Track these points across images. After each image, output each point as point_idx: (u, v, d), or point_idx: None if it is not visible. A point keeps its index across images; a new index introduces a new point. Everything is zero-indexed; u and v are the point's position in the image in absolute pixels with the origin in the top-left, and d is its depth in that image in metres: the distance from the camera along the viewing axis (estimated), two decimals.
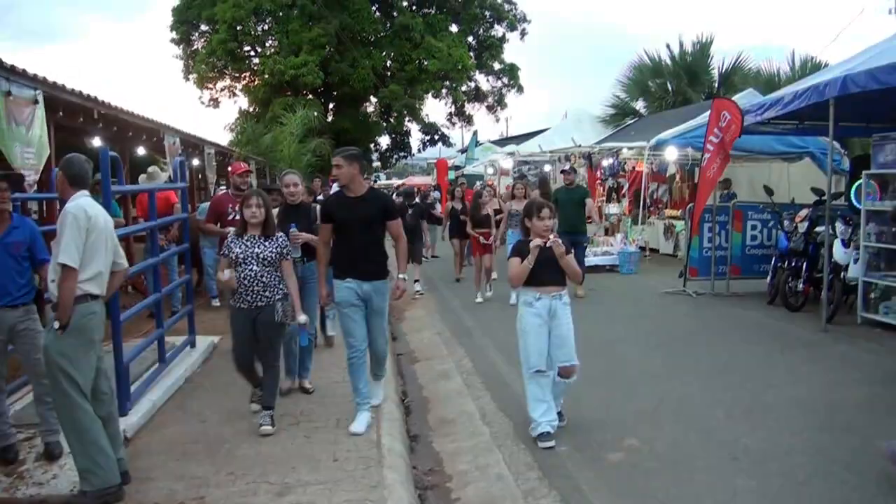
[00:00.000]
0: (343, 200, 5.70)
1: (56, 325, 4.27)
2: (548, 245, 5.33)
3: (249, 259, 5.59)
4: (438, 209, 17.56)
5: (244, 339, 5.70)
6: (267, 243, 5.65)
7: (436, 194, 21.83)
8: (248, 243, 5.64)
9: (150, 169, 11.46)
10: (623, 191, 18.58)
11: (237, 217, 6.35)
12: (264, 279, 5.57)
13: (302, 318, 5.82)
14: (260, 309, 5.58)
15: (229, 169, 9.27)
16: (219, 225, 7.69)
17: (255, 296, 5.57)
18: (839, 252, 9.43)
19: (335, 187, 12.21)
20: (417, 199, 15.40)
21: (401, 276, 6.01)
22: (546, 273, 5.43)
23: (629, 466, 5.03)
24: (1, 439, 4.96)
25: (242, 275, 5.58)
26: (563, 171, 13.72)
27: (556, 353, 5.46)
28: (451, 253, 14.96)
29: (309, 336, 6.58)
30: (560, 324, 5.45)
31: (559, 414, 5.71)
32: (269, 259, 5.59)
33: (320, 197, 10.74)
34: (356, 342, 5.69)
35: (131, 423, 5.51)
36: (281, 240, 5.71)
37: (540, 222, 5.44)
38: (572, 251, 5.71)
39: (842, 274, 9.46)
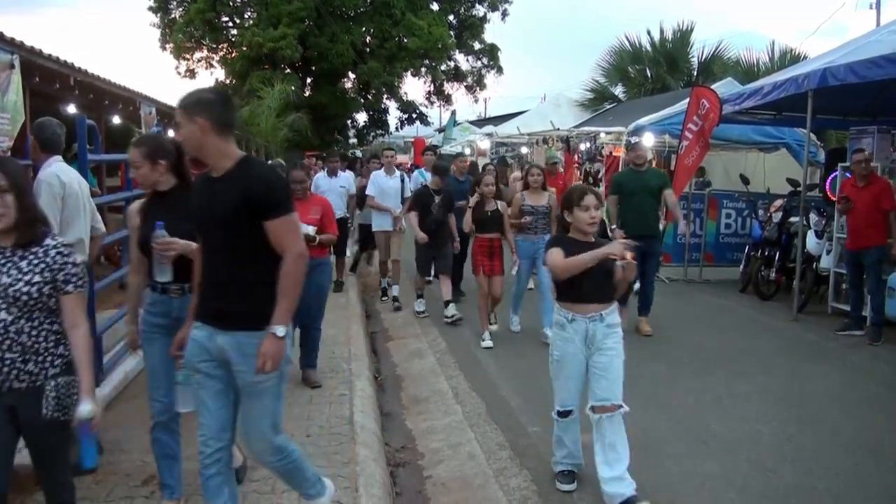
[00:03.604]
0: (204, 185, 3.34)
1: None
2: (620, 264, 4.06)
3: None
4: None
5: None
6: (23, 263, 2.95)
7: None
8: None
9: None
10: (599, 175, 18.61)
11: None
12: (19, 336, 2.93)
13: (86, 408, 2.99)
14: (16, 396, 2.95)
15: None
16: None
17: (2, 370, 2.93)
18: (812, 243, 9.54)
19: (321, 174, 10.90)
20: (464, 178, 10.23)
21: (275, 329, 3.13)
22: (588, 285, 4.13)
23: None
24: None
25: None
26: (628, 146, 9.85)
27: (594, 388, 4.18)
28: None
29: (95, 455, 3.40)
30: (605, 351, 4.15)
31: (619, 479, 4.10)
32: (26, 296, 2.92)
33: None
34: (205, 437, 3.33)
35: (104, 395, 5.44)
36: (54, 254, 2.99)
37: (584, 213, 4.19)
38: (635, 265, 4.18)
39: (814, 264, 9.58)
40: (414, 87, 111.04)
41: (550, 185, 9.03)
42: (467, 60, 38.63)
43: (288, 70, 32.13)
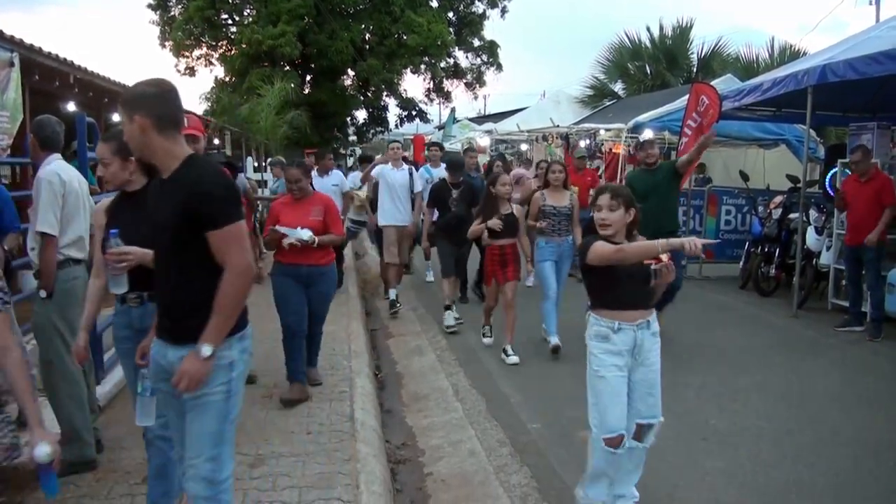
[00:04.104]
0: (155, 187, 3.06)
1: (42, 293, 4.33)
2: (654, 268, 3.69)
3: None
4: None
5: None
6: None
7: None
8: None
9: None
10: (599, 171, 18.61)
11: None
12: None
13: (44, 451, 2.61)
14: None
15: None
16: None
17: None
18: (812, 239, 9.53)
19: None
20: (475, 175, 10.27)
21: (200, 348, 2.80)
22: (632, 288, 3.79)
23: None
24: None
25: None
26: (637, 146, 8.73)
27: (638, 406, 3.89)
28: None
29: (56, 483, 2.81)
30: (649, 365, 3.88)
31: (621, 497, 4.02)
32: None
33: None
34: (177, 451, 3.18)
35: (104, 393, 5.46)
36: None
37: (596, 214, 3.89)
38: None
39: (814, 261, 9.58)
40: (413, 85, 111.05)
41: (576, 182, 8.65)
42: (467, 57, 38.57)
43: (287, 67, 32.07)
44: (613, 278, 3.75)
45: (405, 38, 32.91)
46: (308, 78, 34.79)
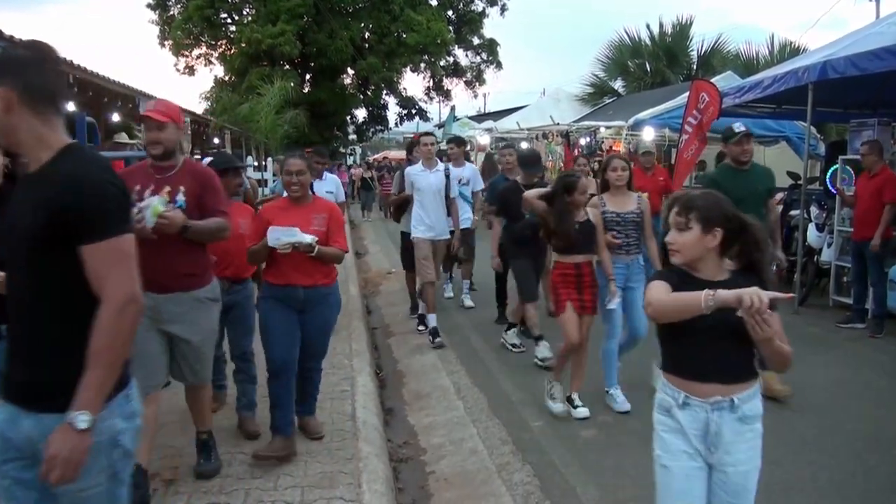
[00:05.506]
0: (18, 186, 2.33)
1: None
2: (740, 313, 2.39)
3: None
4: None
5: None
6: None
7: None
8: None
9: (116, 136, 11.29)
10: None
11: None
12: None
13: None
14: None
15: None
16: None
17: None
18: (813, 236, 9.52)
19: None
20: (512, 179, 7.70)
21: (73, 418, 2.01)
22: (708, 351, 2.65)
23: (602, 442, 5.08)
24: None
25: None
26: (728, 138, 6.12)
27: None
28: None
29: None
30: (734, 466, 2.68)
31: None
32: None
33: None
34: None
35: None
36: None
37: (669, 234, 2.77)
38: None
39: (815, 257, 9.57)
40: (413, 83, 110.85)
41: (644, 187, 7.47)
42: (466, 56, 38.61)
43: (287, 66, 32.09)
44: (678, 328, 2.63)
45: (405, 36, 32.91)
46: (307, 77, 34.81)
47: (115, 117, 13.18)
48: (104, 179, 2.14)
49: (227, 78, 33.63)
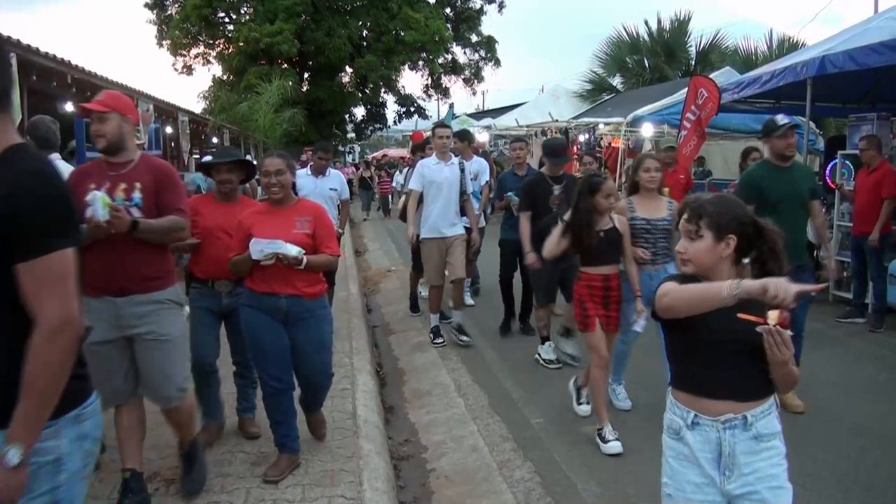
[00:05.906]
0: None
1: None
2: (760, 329, 2.24)
3: None
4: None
5: None
6: None
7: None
8: None
9: None
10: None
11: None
12: None
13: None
14: None
15: None
16: None
17: None
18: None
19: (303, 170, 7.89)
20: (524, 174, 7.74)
21: (5, 453, 1.85)
22: (722, 366, 2.48)
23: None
24: None
25: None
26: (771, 131, 5.56)
27: None
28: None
29: None
30: (752, 483, 2.55)
31: None
32: None
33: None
34: None
35: None
36: None
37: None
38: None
39: (815, 253, 9.56)
40: (411, 81, 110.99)
41: (667, 183, 7.00)
42: (465, 53, 38.66)
43: (285, 65, 32.12)
44: (690, 341, 2.49)
45: (402, 34, 32.94)
46: (306, 75, 34.84)
47: None
48: (42, 190, 1.93)
49: (225, 77, 33.67)
